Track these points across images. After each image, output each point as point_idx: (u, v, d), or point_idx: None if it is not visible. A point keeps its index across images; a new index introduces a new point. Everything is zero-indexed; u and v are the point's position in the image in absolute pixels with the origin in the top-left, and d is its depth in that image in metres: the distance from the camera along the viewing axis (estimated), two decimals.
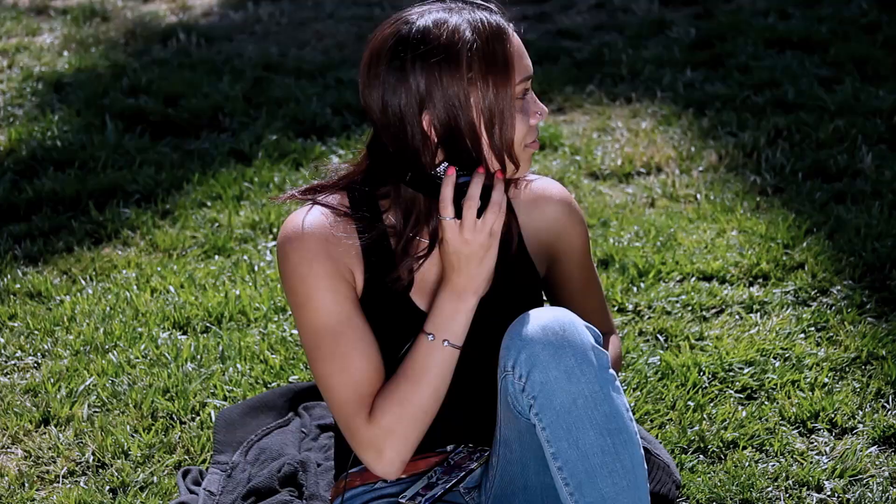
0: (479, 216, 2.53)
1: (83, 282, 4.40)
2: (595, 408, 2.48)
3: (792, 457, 3.33)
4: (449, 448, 2.78)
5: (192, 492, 3.20)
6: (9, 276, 4.42)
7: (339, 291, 2.62)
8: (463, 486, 2.77)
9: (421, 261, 2.65)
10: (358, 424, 2.61)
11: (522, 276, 2.78)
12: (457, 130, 2.53)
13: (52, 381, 3.76)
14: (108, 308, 4.19)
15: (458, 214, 2.54)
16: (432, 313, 2.61)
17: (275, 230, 4.73)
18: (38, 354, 3.95)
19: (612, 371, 2.52)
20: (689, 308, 4.10)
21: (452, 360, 2.61)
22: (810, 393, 3.59)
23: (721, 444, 3.38)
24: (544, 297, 2.90)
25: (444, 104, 2.52)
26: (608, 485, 2.47)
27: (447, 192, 2.53)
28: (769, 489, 3.19)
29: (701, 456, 3.35)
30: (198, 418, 3.58)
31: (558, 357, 2.48)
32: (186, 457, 3.43)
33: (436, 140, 2.55)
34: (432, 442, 2.75)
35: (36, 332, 4.06)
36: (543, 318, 2.52)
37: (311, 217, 2.64)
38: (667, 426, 3.48)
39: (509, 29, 2.58)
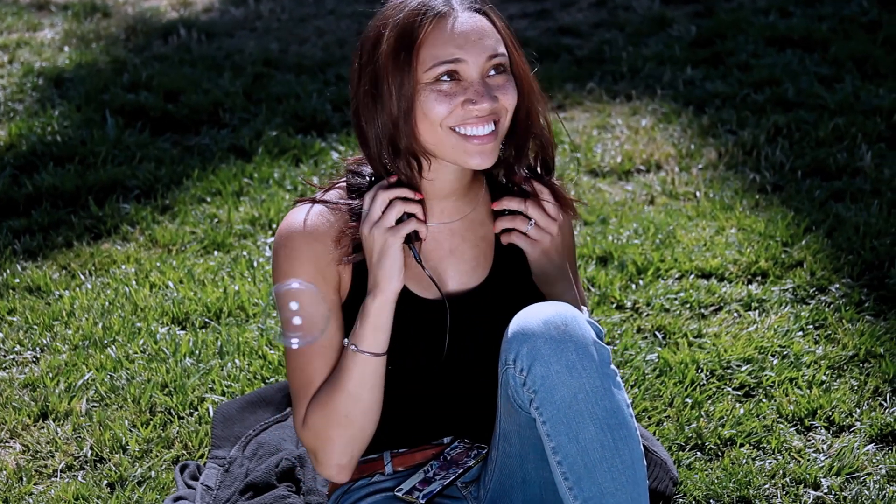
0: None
1: (82, 277, 4.41)
2: (596, 403, 2.48)
3: (789, 454, 3.33)
4: (446, 440, 2.78)
5: (189, 486, 3.20)
6: (8, 271, 4.43)
7: None
8: (460, 481, 2.77)
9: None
10: (297, 423, 2.68)
11: (517, 267, 2.78)
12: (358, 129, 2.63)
13: (50, 375, 3.77)
14: (106, 303, 4.20)
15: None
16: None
17: (274, 226, 4.73)
18: (37, 349, 3.95)
19: (613, 367, 2.52)
20: (688, 305, 4.10)
21: (367, 366, 2.62)
22: (808, 390, 3.60)
23: (718, 442, 3.38)
24: None
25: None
26: (608, 479, 2.47)
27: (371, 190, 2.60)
28: (766, 486, 3.19)
29: (698, 453, 3.36)
30: (196, 413, 3.58)
31: (560, 351, 2.48)
32: (184, 451, 3.43)
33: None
34: (429, 434, 2.77)
35: (35, 326, 4.06)
36: (545, 312, 2.52)
37: (305, 216, 2.66)
38: (664, 423, 3.48)
39: (449, 9, 2.55)
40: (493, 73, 2.55)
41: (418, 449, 2.78)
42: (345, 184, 2.71)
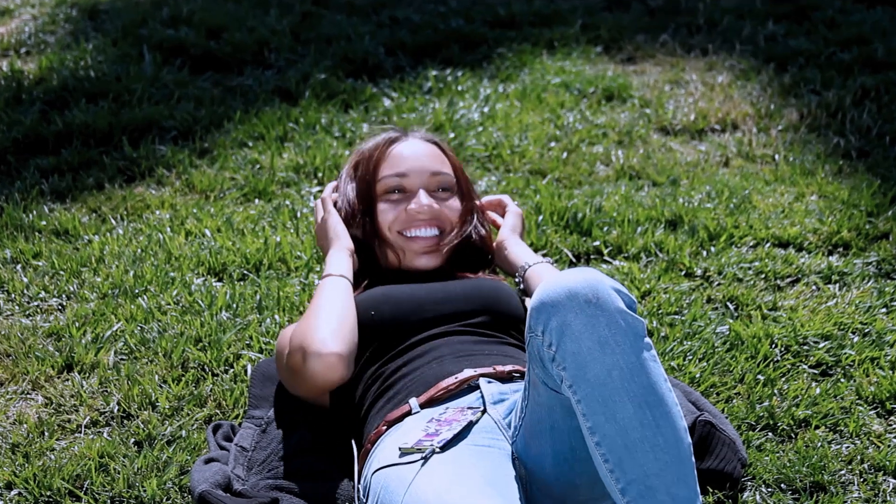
0: None
1: (113, 221, 4.41)
2: (632, 379, 2.50)
3: (868, 439, 3.30)
4: (466, 374, 2.95)
5: (222, 447, 3.20)
6: (35, 213, 4.43)
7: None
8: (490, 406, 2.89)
9: None
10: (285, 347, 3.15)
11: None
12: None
13: (76, 325, 3.77)
14: (139, 250, 4.20)
15: None
16: None
17: (319, 174, 4.73)
18: (63, 296, 3.96)
19: (647, 339, 2.53)
20: (763, 276, 4.07)
21: (335, 282, 3.17)
22: (890, 371, 3.56)
23: (792, 422, 3.36)
24: None
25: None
26: (650, 460, 2.48)
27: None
28: (842, 472, 3.16)
29: (770, 434, 3.33)
30: (231, 371, 3.58)
31: (591, 326, 2.51)
32: (217, 411, 3.42)
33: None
34: (446, 371, 2.97)
35: (62, 272, 4.07)
36: (573, 280, 2.54)
37: None
38: (734, 400, 3.46)
39: (403, 136, 3.40)
40: (440, 190, 3.33)
41: (445, 386, 2.95)
42: None
